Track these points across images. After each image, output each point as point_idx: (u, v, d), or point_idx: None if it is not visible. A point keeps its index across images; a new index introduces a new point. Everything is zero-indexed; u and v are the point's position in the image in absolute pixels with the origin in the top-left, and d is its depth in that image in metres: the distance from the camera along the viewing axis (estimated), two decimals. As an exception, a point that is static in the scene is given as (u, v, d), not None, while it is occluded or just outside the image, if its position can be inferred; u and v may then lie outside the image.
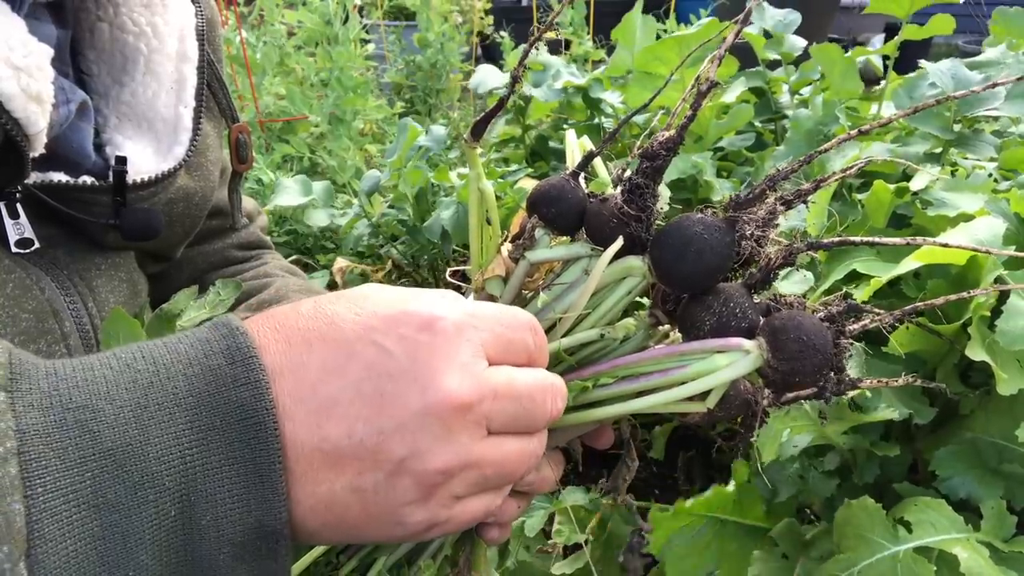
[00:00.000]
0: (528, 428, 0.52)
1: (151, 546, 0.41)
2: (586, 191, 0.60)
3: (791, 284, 0.95)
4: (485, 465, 0.49)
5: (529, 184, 1.56)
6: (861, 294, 0.82)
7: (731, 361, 0.51)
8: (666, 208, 0.58)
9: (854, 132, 0.48)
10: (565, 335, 0.60)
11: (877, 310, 0.53)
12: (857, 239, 0.51)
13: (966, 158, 1.22)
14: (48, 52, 0.60)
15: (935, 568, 0.67)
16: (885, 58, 1.47)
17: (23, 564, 0.36)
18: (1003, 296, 0.73)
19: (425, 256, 1.94)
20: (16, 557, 0.36)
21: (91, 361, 0.43)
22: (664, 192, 0.56)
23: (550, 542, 1.12)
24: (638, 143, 0.56)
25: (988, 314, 0.75)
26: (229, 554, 0.44)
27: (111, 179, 0.73)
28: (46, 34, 0.66)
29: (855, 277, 0.91)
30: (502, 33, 3.87)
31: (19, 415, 0.39)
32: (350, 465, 0.45)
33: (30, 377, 0.41)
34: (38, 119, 0.59)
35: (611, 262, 0.56)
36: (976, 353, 0.72)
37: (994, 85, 0.48)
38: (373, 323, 0.47)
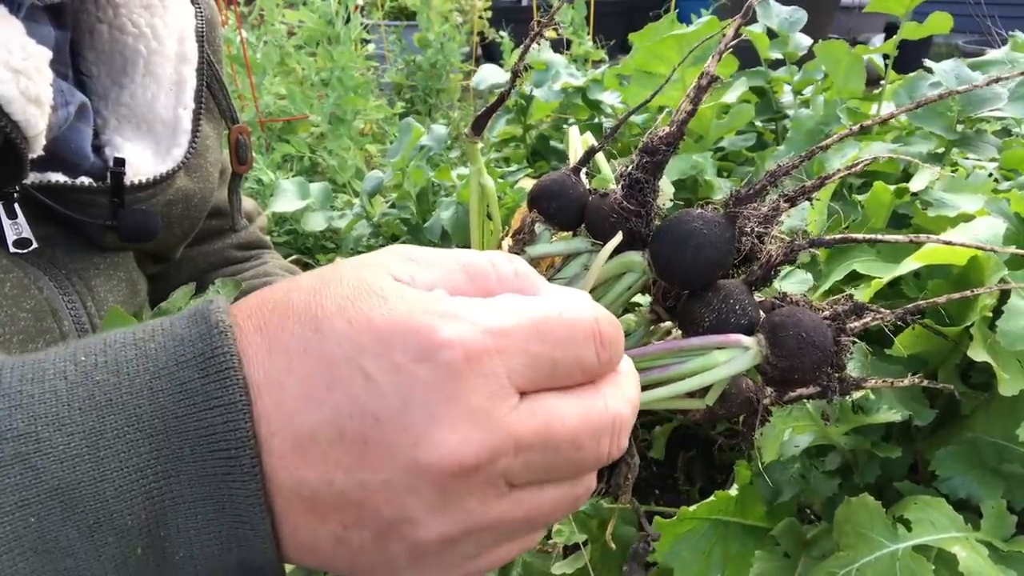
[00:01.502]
0: (570, 476, 0.42)
1: None
2: (587, 186, 0.60)
3: (791, 284, 0.95)
4: (506, 524, 0.40)
5: (529, 184, 1.55)
6: (862, 295, 0.81)
7: (730, 357, 0.51)
8: (669, 204, 0.58)
9: (855, 127, 0.48)
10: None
11: (880, 308, 0.53)
12: (859, 236, 0.51)
13: (967, 158, 1.21)
14: (47, 54, 0.60)
15: (934, 567, 0.67)
16: (885, 57, 1.47)
17: None
18: (1004, 296, 0.73)
19: (425, 256, 1.94)
20: None
21: (45, 367, 0.37)
22: (668, 188, 0.56)
23: (550, 542, 1.12)
24: (643, 140, 0.56)
25: (990, 315, 0.75)
26: None
27: (109, 180, 0.73)
28: (45, 36, 0.66)
29: (855, 278, 0.91)
30: (502, 33, 3.87)
31: None
32: (332, 517, 0.38)
33: None
34: (37, 121, 0.59)
35: (611, 257, 0.55)
36: (978, 354, 0.72)
37: (997, 79, 0.48)
38: (363, 340, 0.37)
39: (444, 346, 0.36)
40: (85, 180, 0.72)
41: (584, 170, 0.61)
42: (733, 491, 0.89)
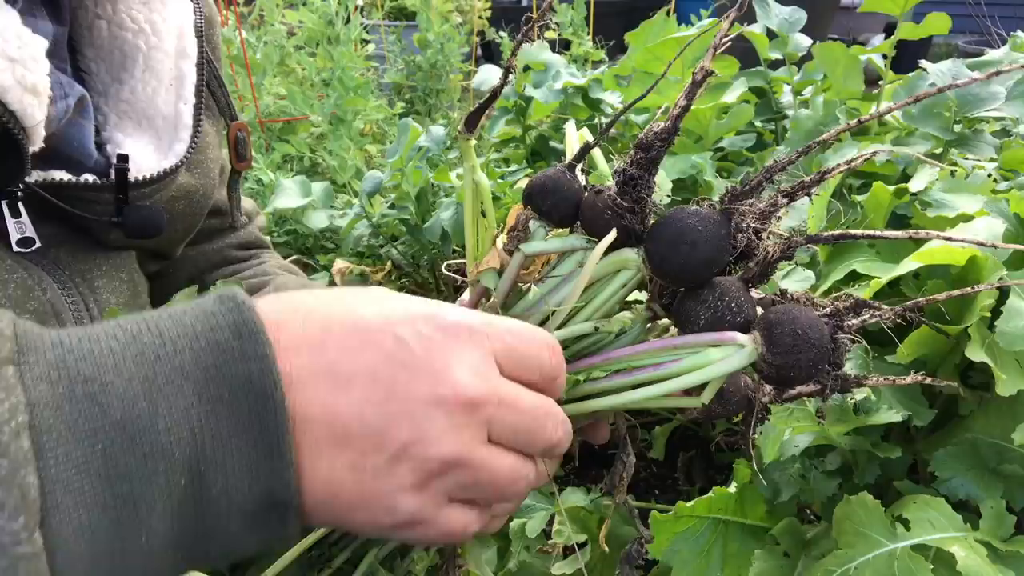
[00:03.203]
0: (526, 446, 0.53)
1: (163, 514, 0.42)
2: (583, 183, 0.60)
3: (791, 283, 0.95)
4: (480, 470, 0.50)
5: (528, 184, 1.55)
6: (862, 295, 0.81)
7: (725, 355, 0.50)
8: (666, 201, 0.57)
9: (853, 123, 0.48)
10: (559, 328, 0.60)
11: (879, 304, 0.53)
12: (858, 232, 0.51)
13: (966, 158, 1.21)
14: (43, 44, 0.60)
15: (932, 566, 0.67)
16: (884, 57, 1.47)
17: (38, 533, 0.37)
18: (1003, 297, 0.73)
19: (425, 256, 1.94)
20: (32, 527, 0.37)
21: (96, 332, 0.43)
22: (664, 183, 0.55)
23: (550, 542, 1.12)
24: (638, 137, 0.56)
25: (988, 315, 0.75)
26: (240, 523, 0.44)
27: (112, 177, 0.73)
28: (42, 30, 0.66)
29: (855, 278, 0.91)
30: (501, 33, 3.86)
31: (28, 388, 0.39)
32: (354, 446, 0.46)
33: (36, 349, 0.41)
34: (35, 111, 0.59)
35: (605, 254, 0.55)
36: (976, 354, 0.72)
37: (998, 73, 0.48)
38: (393, 317, 0.49)
39: (454, 323, 0.50)
40: (89, 178, 0.72)
41: (580, 166, 0.61)
42: (732, 488, 0.89)
